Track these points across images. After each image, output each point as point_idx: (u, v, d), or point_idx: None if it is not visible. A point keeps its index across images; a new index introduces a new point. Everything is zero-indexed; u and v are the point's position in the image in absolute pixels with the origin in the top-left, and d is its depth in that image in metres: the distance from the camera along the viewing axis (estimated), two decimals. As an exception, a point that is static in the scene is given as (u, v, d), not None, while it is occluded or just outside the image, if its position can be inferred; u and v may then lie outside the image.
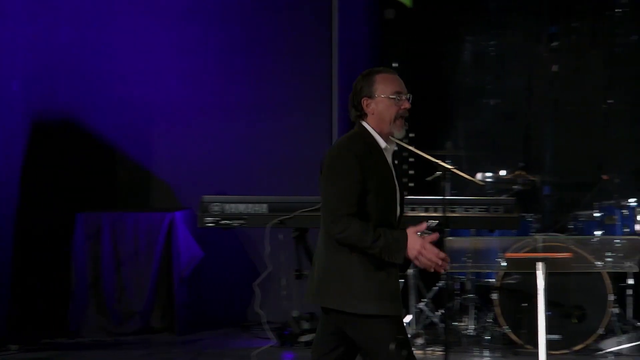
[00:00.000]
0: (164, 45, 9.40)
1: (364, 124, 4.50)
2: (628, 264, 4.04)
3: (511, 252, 4.21)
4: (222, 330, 8.96)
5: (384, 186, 4.37)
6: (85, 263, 8.61)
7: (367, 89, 4.47)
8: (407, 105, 4.48)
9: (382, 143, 4.45)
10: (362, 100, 4.48)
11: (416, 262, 4.24)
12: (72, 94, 9.20)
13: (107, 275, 8.65)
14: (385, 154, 4.45)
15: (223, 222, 6.24)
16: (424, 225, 4.22)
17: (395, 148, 4.53)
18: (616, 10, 9.62)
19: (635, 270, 4.04)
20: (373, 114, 4.47)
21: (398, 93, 4.46)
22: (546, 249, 4.15)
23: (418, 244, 4.19)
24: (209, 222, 6.28)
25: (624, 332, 7.90)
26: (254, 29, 9.41)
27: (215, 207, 6.23)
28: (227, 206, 6.23)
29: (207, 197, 6.30)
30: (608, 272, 7.58)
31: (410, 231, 4.21)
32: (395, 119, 4.46)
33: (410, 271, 7.98)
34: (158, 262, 8.61)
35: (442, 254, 4.19)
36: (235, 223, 6.23)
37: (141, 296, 8.66)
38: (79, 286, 8.61)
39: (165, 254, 8.61)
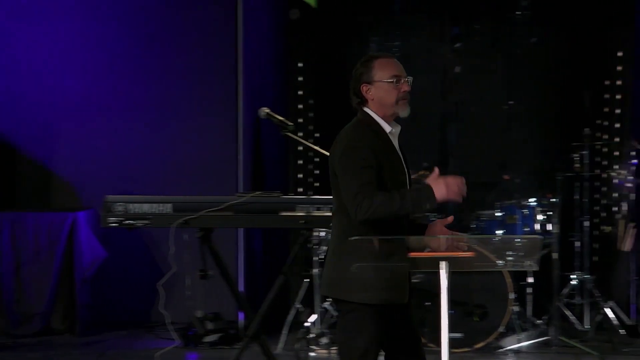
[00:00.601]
0: (66, 41, 9.25)
1: (367, 110, 4.52)
2: (528, 262, 4.09)
3: (415, 251, 4.24)
4: (125, 331, 8.87)
5: (395, 171, 4.41)
6: (-17, 264, 8.44)
7: (365, 75, 4.48)
8: (406, 88, 4.49)
9: (387, 127, 4.49)
10: (362, 87, 4.49)
11: (450, 197, 4.24)
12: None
13: (6, 277, 8.50)
14: (391, 137, 4.49)
15: (127, 222, 6.15)
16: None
17: (399, 128, 4.55)
18: (517, 12, 9.77)
19: (535, 269, 4.10)
20: (373, 99, 4.49)
21: (396, 77, 4.47)
22: (449, 248, 4.19)
23: (441, 182, 4.24)
24: (113, 222, 6.18)
25: (524, 329, 8.04)
26: (158, 27, 9.32)
27: (119, 207, 6.14)
28: (131, 206, 6.14)
29: (110, 197, 6.21)
30: (509, 271, 7.72)
31: (429, 180, 4.28)
32: (397, 102, 4.47)
33: (315, 271, 8.00)
34: (59, 262, 8.49)
35: (460, 178, 4.28)
36: (140, 223, 6.15)
37: (41, 297, 8.52)
38: (-23, 287, 8.43)
39: (67, 254, 8.50)
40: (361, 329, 4.37)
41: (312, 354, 7.84)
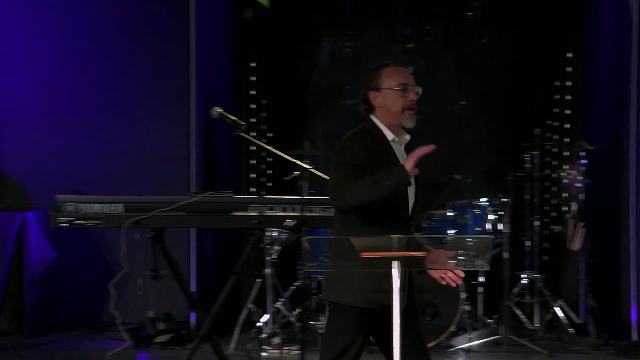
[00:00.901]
0: (14, 40, 9.15)
1: (372, 117, 4.53)
2: (479, 262, 4.10)
3: (367, 251, 4.24)
4: (76, 332, 8.80)
5: None
6: None
7: (373, 82, 4.50)
8: (413, 97, 4.50)
9: (390, 135, 4.49)
10: (369, 94, 4.51)
11: (413, 158, 4.26)
12: None
13: (-46, 277, 8.39)
14: (393, 145, 4.48)
15: (77, 222, 6.09)
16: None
17: (408, 138, 4.55)
18: (468, 13, 9.84)
19: (486, 268, 4.12)
20: (380, 106, 4.50)
21: (404, 85, 4.48)
22: (402, 248, 4.19)
23: (410, 155, 4.25)
24: (63, 222, 6.12)
25: (474, 329, 8.09)
26: (109, 26, 9.26)
27: (69, 207, 6.08)
28: (81, 206, 6.09)
29: (60, 197, 6.15)
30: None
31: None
32: (403, 110, 4.48)
33: (267, 271, 7.99)
34: (8, 262, 8.39)
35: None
36: (90, 223, 6.09)
37: (-11, 298, 8.42)
38: None
39: (16, 254, 8.40)
40: (342, 330, 4.42)
41: (264, 354, 7.83)
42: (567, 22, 9.65)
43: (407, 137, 4.56)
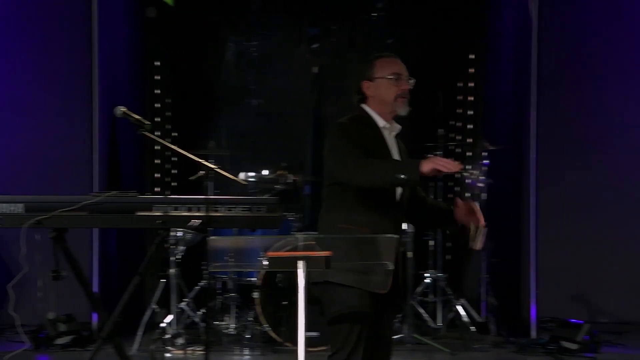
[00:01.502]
0: None
1: (363, 106, 4.60)
2: (384, 261, 4.15)
3: (273, 251, 4.24)
4: (-28, 335, 8.61)
5: None
6: None
7: (367, 72, 4.59)
8: (406, 86, 4.59)
9: (381, 122, 4.55)
10: (363, 83, 4.59)
11: (436, 168, 4.23)
12: None
13: None
14: (384, 132, 4.55)
15: (-25, 222, 5.96)
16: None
17: (399, 127, 4.65)
18: (372, 14, 9.91)
19: (391, 267, 4.16)
20: (373, 96, 4.58)
21: (397, 74, 4.57)
22: (307, 248, 4.21)
23: (430, 158, 4.28)
24: (-40, 222, 5.98)
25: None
26: (8, 22, 9.09)
27: (-33, 207, 5.94)
28: (-20, 206, 5.95)
29: (-42, 197, 6.00)
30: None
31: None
32: (395, 98, 4.55)
33: (171, 271, 7.93)
34: None
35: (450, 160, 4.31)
36: (-11, 223, 5.97)
37: None
38: None
39: None
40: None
41: (167, 354, 7.77)
42: (469, 24, 9.79)
43: (399, 126, 4.66)
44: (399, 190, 4.56)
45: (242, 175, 8.29)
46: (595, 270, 9.47)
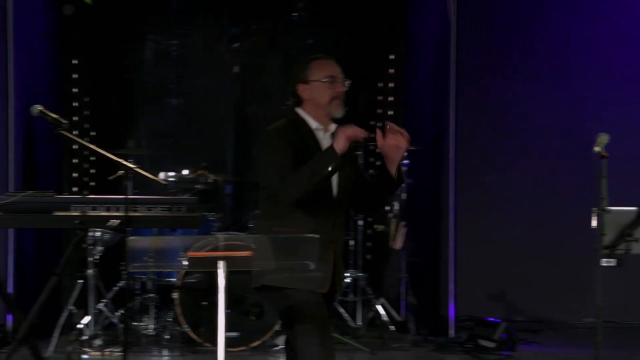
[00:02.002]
0: None
1: (297, 109, 4.57)
2: (306, 261, 4.15)
3: (193, 251, 4.22)
4: None
5: None
6: None
7: (302, 74, 4.55)
8: (340, 88, 4.56)
9: (313, 124, 4.53)
10: (298, 86, 4.54)
11: (348, 138, 4.41)
12: None
13: None
14: (318, 133, 4.54)
15: None
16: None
17: (334, 128, 4.59)
18: (293, 14, 9.92)
19: (312, 267, 4.17)
20: (308, 98, 4.55)
21: (331, 77, 4.53)
22: (227, 248, 4.20)
23: (339, 134, 4.39)
24: None
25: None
26: None
27: None
28: None
29: None
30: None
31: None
32: (331, 101, 4.53)
33: (89, 271, 7.83)
34: None
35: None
36: None
37: None
38: None
39: None
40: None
41: (85, 356, 7.68)
42: (389, 25, 9.86)
43: (334, 126, 4.62)
44: (334, 183, 4.55)
45: (162, 175, 8.23)
46: (512, 270, 9.61)
